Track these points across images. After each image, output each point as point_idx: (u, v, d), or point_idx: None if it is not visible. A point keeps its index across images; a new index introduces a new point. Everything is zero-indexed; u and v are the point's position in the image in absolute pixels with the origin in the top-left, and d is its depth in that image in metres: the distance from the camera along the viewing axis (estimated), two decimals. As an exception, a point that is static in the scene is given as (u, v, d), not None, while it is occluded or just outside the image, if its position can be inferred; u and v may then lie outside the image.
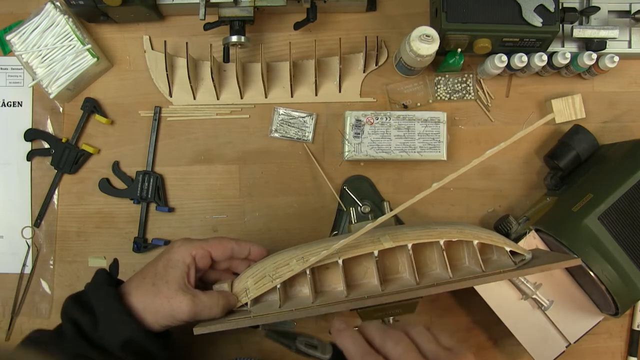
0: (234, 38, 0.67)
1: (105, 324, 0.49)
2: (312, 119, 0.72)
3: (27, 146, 0.73)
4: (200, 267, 0.55)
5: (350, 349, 0.43)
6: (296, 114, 0.72)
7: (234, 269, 0.59)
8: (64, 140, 0.72)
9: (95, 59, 0.69)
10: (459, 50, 0.68)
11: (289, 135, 0.72)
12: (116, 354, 0.49)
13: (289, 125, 0.72)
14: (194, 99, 0.73)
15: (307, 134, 0.72)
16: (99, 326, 0.49)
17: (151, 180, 0.71)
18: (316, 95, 0.73)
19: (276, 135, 0.72)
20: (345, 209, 0.71)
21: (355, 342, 0.44)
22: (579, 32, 0.68)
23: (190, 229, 0.73)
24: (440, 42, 0.63)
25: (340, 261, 0.52)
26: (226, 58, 0.69)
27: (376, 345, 0.44)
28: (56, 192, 0.73)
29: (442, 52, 0.69)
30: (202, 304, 0.51)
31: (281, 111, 0.72)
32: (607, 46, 0.69)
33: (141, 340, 0.50)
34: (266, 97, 0.73)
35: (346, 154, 0.69)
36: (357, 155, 0.69)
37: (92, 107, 0.72)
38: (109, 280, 0.53)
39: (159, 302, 0.50)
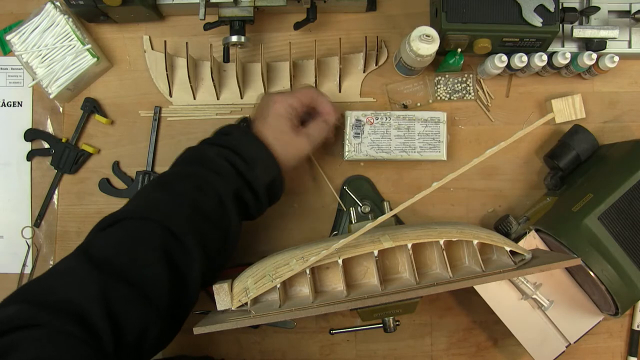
0: (234, 38, 0.67)
1: (260, 167, 0.57)
2: (312, 119, 0.72)
3: (27, 146, 0.73)
4: (296, 112, 0.62)
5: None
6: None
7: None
8: (64, 140, 0.72)
9: (95, 59, 0.69)
10: (459, 50, 0.68)
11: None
12: (261, 193, 0.58)
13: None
14: (194, 99, 0.73)
15: None
16: (256, 168, 0.57)
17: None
18: (316, 95, 0.73)
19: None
20: (345, 209, 0.71)
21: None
22: (579, 32, 0.68)
23: (190, 229, 0.72)
24: (440, 42, 0.63)
25: (340, 261, 0.52)
26: (226, 58, 0.69)
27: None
28: (56, 192, 0.73)
29: (442, 52, 0.69)
30: (313, 137, 0.62)
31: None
32: (607, 46, 0.69)
33: (279, 181, 0.60)
34: (266, 97, 0.73)
35: (346, 154, 0.69)
36: (357, 155, 0.69)
37: (92, 107, 0.72)
38: (248, 129, 0.61)
39: (291, 147, 0.60)
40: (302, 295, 0.54)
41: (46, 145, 0.72)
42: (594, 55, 0.67)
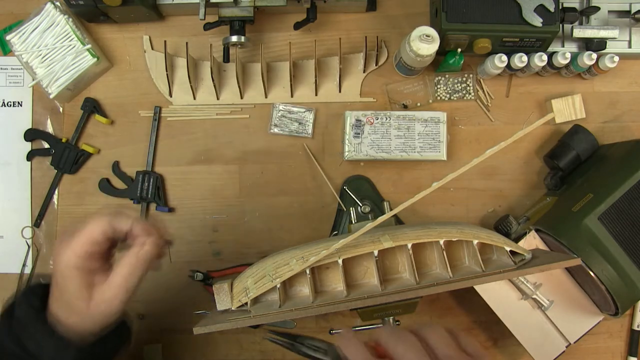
0: (234, 38, 0.67)
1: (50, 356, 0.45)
2: (311, 113, 0.72)
3: (27, 146, 0.73)
4: (93, 256, 0.46)
5: (351, 356, 0.41)
6: (295, 109, 0.72)
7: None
8: (64, 140, 0.72)
9: (95, 59, 0.69)
10: (459, 50, 0.68)
11: (289, 130, 0.72)
12: None
13: (288, 120, 0.72)
14: (194, 99, 0.73)
15: (307, 129, 0.72)
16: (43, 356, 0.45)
17: (151, 180, 0.71)
18: (316, 95, 0.73)
19: (276, 130, 0.72)
20: (345, 209, 0.71)
21: (358, 349, 0.41)
22: (579, 32, 0.68)
23: (190, 229, 0.73)
24: (440, 42, 0.63)
25: (340, 261, 0.52)
26: (226, 58, 0.69)
27: (388, 350, 0.41)
28: (56, 192, 0.73)
29: (442, 52, 0.69)
30: (124, 279, 0.44)
31: (280, 107, 0.72)
32: (607, 46, 0.69)
33: (90, 352, 0.46)
34: (266, 97, 0.73)
35: (346, 154, 0.69)
36: (357, 155, 0.69)
37: (92, 107, 0.72)
38: (38, 313, 0.47)
39: (94, 309, 0.45)
40: (302, 295, 0.54)
41: (46, 145, 0.72)
42: (594, 55, 0.67)
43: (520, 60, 0.67)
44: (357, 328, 0.66)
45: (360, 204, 0.70)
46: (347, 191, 0.71)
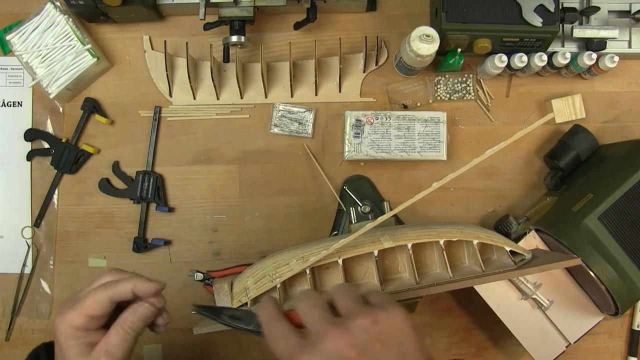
0: (234, 38, 0.67)
1: None
2: (311, 113, 0.72)
3: (27, 146, 0.73)
4: (92, 328, 0.45)
5: (261, 316, 0.42)
6: (295, 109, 0.72)
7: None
8: (64, 140, 0.72)
9: (95, 59, 0.69)
10: (459, 50, 0.68)
11: (289, 130, 0.72)
12: None
13: (288, 120, 0.72)
14: (194, 99, 0.73)
15: (307, 129, 0.72)
16: None
17: (151, 180, 0.71)
18: (316, 95, 0.73)
19: (276, 130, 0.72)
20: (345, 209, 0.71)
21: (266, 308, 0.42)
22: (579, 32, 0.68)
23: (190, 229, 0.73)
24: (440, 42, 0.63)
25: (340, 261, 0.52)
26: (226, 58, 0.69)
27: (296, 310, 0.41)
28: (56, 192, 0.73)
29: (442, 52, 0.69)
30: (117, 345, 0.44)
31: (280, 107, 0.72)
32: (607, 46, 0.69)
33: None
34: (266, 97, 0.73)
35: (346, 154, 0.69)
36: (357, 155, 0.69)
37: (92, 107, 0.72)
38: None
39: None
40: None
41: (46, 145, 0.72)
42: (594, 55, 0.67)
43: (520, 60, 0.67)
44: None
45: (360, 204, 0.70)
46: (347, 191, 0.71)
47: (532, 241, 0.65)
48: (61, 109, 0.73)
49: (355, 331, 0.36)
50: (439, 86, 0.73)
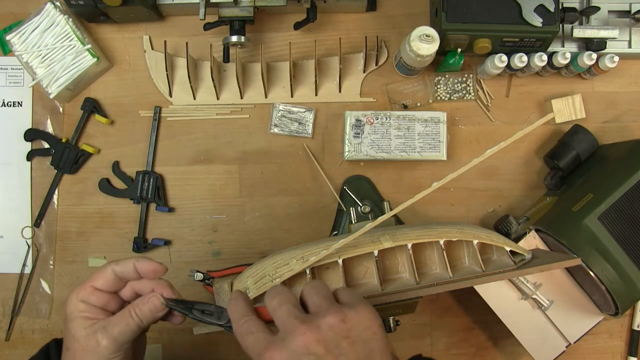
0: (234, 38, 0.67)
1: None
2: (311, 113, 0.72)
3: (27, 146, 0.73)
4: (97, 304, 0.46)
5: (230, 312, 0.42)
6: (295, 109, 0.72)
7: (138, 291, 0.48)
8: (64, 140, 0.72)
9: (95, 59, 0.69)
10: (459, 50, 0.68)
11: (289, 130, 0.72)
12: None
13: (288, 120, 0.72)
14: (194, 99, 0.73)
15: (307, 129, 0.72)
16: None
17: (151, 180, 0.71)
18: (316, 95, 0.73)
19: (276, 130, 0.72)
20: (345, 209, 0.71)
21: (235, 304, 0.42)
22: (579, 32, 0.68)
23: (190, 229, 0.73)
24: (440, 42, 0.63)
25: (340, 261, 0.52)
26: (226, 58, 0.69)
27: (266, 306, 0.41)
28: (56, 192, 0.73)
29: (442, 52, 0.69)
30: (117, 324, 0.44)
31: (280, 107, 0.72)
32: (607, 46, 0.69)
33: None
34: (266, 97, 0.73)
35: (346, 154, 0.69)
36: (357, 155, 0.69)
37: (92, 107, 0.72)
38: None
39: (85, 358, 0.44)
40: None
41: (46, 145, 0.72)
42: (594, 55, 0.67)
43: (520, 60, 0.67)
44: None
45: (360, 204, 0.70)
46: (347, 191, 0.71)
47: (532, 241, 0.65)
48: (61, 109, 0.73)
49: (324, 328, 0.37)
50: (439, 86, 0.73)
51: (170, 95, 0.73)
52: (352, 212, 0.70)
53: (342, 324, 0.37)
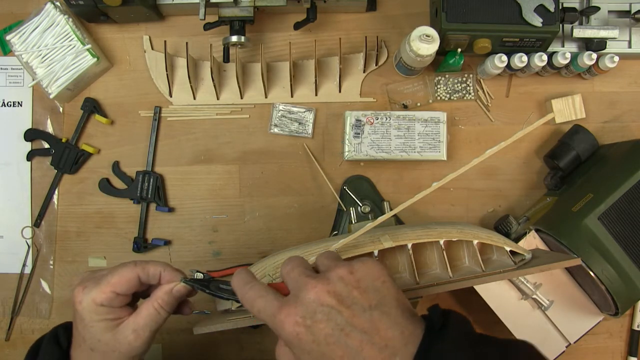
0: (234, 38, 0.67)
1: None
2: (311, 113, 0.72)
3: (27, 146, 0.73)
4: (118, 305, 0.46)
5: (234, 283, 0.42)
6: (295, 109, 0.72)
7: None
8: (64, 140, 0.72)
9: (95, 59, 0.69)
10: (459, 50, 0.68)
11: (289, 130, 0.72)
12: None
13: (288, 120, 0.72)
14: (194, 99, 0.73)
15: (307, 129, 0.72)
16: None
17: (151, 180, 0.71)
18: (316, 95, 0.73)
19: (276, 130, 0.72)
20: (345, 209, 0.71)
21: (238, 276, 0.42)
22: (579, 32, 0.68)
23: (190, 229, 0.73)
24: (440, 42, 0.63)
25: (340, 261, 0.52)
26: (226, 58, 0.69)
27: (282, 274, 0.42)
28: (56, 192, 0.73)
29: (442, 52, 0.69)
30: (144, 320, 0.45)
31: (280, 107, 0.72)
32: (607, 46, 0.69)
33: None
34: (266, 97, 0.73)
35: (346, 154, 0.69)
36: (357, 155, 0.69)
37: (92, 107, 0.72)
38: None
39: (110, 353, 0.45)
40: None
41: (46, 145, 0.72)
42: (594, 55, 0.67)
43: (520, 60, 0.67)
44: None
45: (360, 204, 0.70)
46: (347, 191, 0.71)
47: (532, 241, 0.65)
48: (61, 109, 0.73)
49: (334, 280, 0.38)
50: (439, 86, 0.73)
51: (170, 95, 0.73)
52: (352, 212, 0.70)
53: (351, 275, 0.38)
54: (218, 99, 0.73)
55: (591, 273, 0.58)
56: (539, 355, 0.38)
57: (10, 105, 0.74)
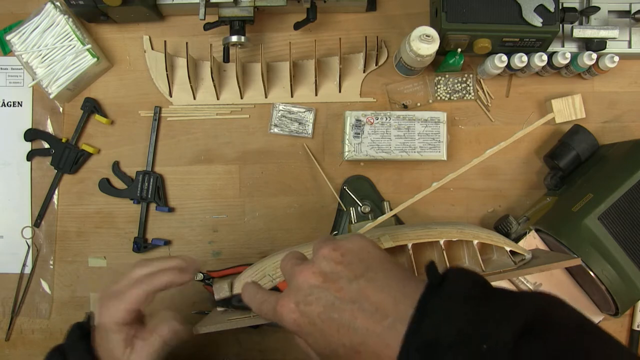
0: (234, 38, 0.67)
1: None
2: (311, 113, 0.72)
3: (27, 146, 0.73)
4: (129, 322, 0.50)
5: (245, 297, 0.45)
6: (295, 109, 0.72)
7: None
8: (64, 140, 0.72)
9: (95, 59, 0.69)
10: (459, 50, 0.68)
11: (289, 130, 0.72)
12: None
13: (288, 120, 0.72)
14: (194, 99, 0.73)
15: (307, 129, 0.72)
16: None
17: (151, 180, 0.72)
18: (316, 95, 0.73)
19: (276, 130, 0.72)
20: (345, 209, 0.71)
21: (246, 289, 0.45)
22: (579, 32, 0.68)
23: (190, 229, 0.73)
24: (440, 42, 0.63)
25: (340, 261, 0.52)
26: (226, 58, 0.69)
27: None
28: (56, 192, 0.73)
29: (442, 52, 0.69)
30: (153, 348, 0.49)
31: (280, 107, 0.72)
32: (607, 46, 0.69)
33: None
34: (266, 97, 0.73)
35: (346, 154, 0.69)
36: (357, 155, 0.69)
37: (92, 107, 0.72)
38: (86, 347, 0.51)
39: None
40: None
41: (46, 145, 0.72)
42: (594, 55, 0.67)
43: (520, 60, 0.67)
44: None
45: (360, 204, 0.70)
46: (347, 191, 0.71)
47: (532, 241, 0.65)
48: (61, 109, 0.73)
49: (318, 260, 0.38)
50: (439, 86, 0.73)
51: (170, 95, 0.73)
52: (352, 212, 0.70)
53: (334, 252, 0.39)
54: (218, 99, 0.73)
55: (591, 273, 0.58)
56: (561, 305, 0.34)
57: (10, 105, 0.74)
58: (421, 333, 0.32)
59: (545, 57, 0.67)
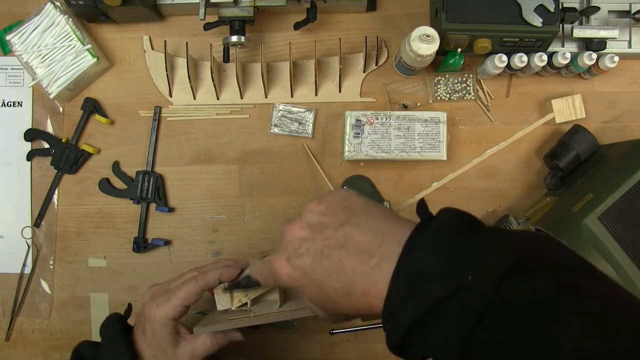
0: (234, 38, 0.67)
1: None
2: (311, 113, 0.72)
3: (27, 146, 0.73)
4: (181, 316, 0.53)
5: (251, 270, 0.48)
6: (295, 109, 0.72)
7: None
8: (64, 140, 0.72)
9: (95, 59, 0.69)
10: (459, 50, 0.68)
11: (289, 130, 0.72)
12: None
13: (288, 120, 0.72)
14: (194, 99, 0.73)
15: (307, 129, 0.72)
16: None
17: (151, 180, 0.72)
18: (316, 95, 0.73)
19: (276, 130, 0.72)
20: (345, 209, 0.71)
21: (254, 264, 0.48)
22: (579, 32, 0.68)
23: (190, 229, 0.73)
24: (440, 42, 0.63)
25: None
26: (226, 58, 0.69)
27: None
28: (56, 192, 0.73)
29: (442, 52, 0.69)
30: (201, 347, 0.53)
31: (280, 107, 0.72)
32: (607, 46, 0.69)
33: None
34: (266, 97, 0.73)
35: (346, 154, 0.69)
36: (357, 155, 0.69)
37: (92, 107, 0.72)
38: (125, 339, 0.53)
39: None
40: (302, 296, 0.54)
41: (46, 145, 0.72)
42: (594, 55, 0.67)
43: (520, 60, 0.67)
44: (357, 328, 0.66)
45: (360, 204, 0.70)
46: (347, 191, 0.71)
47: (532, 241, 0.65)
48: (61, 109, 0.73)
49: (305, 215, 0.40)
50: (439, 86, 0.73)
51: (170, 95, 0.73)
52: (352, 212, 0.70)
53: (319, 205, 0.40)
54: (218, 99, 0.73)
55: (591, 273, 0.58)
56: (556, 245, 0.35)
57: (10, 105, 0.74)
58: (407, 267, 0.33)
59: (545, 57, 0.67)
